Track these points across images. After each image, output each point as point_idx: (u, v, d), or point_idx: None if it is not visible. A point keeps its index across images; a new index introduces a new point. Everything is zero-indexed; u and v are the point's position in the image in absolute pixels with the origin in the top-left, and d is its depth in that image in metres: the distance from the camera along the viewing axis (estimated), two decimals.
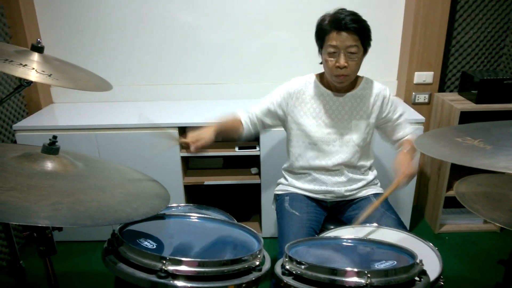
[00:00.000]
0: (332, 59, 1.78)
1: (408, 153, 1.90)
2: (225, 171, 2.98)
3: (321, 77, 1.98)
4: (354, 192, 2.01)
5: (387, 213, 1.89)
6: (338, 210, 2.07)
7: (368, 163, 2.03)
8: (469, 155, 0.93)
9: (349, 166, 1.97)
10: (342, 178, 1.98)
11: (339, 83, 1.84)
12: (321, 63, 1.90)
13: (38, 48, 1.55)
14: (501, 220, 1.38)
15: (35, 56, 1.53)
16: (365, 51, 1.81)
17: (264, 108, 2.01)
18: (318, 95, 1.94)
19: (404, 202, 2.85)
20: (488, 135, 1.06)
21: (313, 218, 1.93)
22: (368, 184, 2.04)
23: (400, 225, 1.82)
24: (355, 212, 1.97)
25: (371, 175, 2.05)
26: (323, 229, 1.95)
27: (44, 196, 1.04)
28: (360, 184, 2.01)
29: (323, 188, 1.99)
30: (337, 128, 1.93)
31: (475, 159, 0.91)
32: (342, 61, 1.75)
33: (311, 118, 1.94)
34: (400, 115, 2.00)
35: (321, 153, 1.96)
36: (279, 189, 2.14)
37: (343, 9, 1.77)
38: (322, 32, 1.80)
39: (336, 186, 1.98)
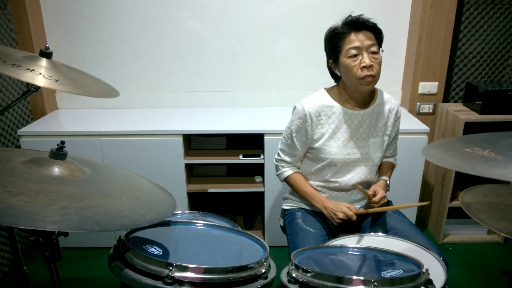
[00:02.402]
0: (355, 61, 1.71)
1: (386, 186, 1.95)
2: (229, 179, 2.98)
3: (334, 94, 1.89)
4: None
5: (400, 218, 1.93)
6: (350, 221, 2.02)
7: (377, 176, 2.01)
8: (482, 165, 0.92)
9: (366, 184, 1.94)
10: (358, 196, 1.95)
11: (367, 85, 1.74)
12: (336, 77, 1.87)
13: (46, 54, 1.56)
14: (507, 231, 1.37)
15: (43, 61, 1.54)
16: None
17: (300, 150, 1.93)
18: (337, 113, 1.86)
19: (407, 212, 2.83)
20: (497, 145, 1.06)
21: (327, 233, 1.91)
22: None
23: (415, 229, 1.85)
24: (366, 221, 1.99)
25: None
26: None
27: (52, 200, 1.04)
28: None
29: None
30: (357, 148, 1.88)
31: (488, 169, 0.90)
32: (367, 60, 1.69)
33: (330, 139, 1.86)
34: (398, 134, 2.01)
35: (340, 173, 1.90)
36: (288, 204, 2.08)
37: (351, 13, 1.75)
38: (337, 39, 1.74)
39: (351, 204, 1.92)
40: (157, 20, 2.94)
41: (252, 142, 2.96)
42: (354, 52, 1.71)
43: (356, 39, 1.70)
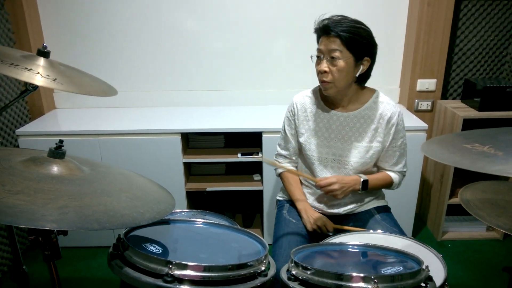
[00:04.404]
0: (317, 65, 1.73)
1: (358, 183, 1.81)
2: (228, 178, 2.98)
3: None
4: (354, 209, 1.95)
5: (388, 225, 1.87)
6: (338, 220, 1.96)
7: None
8: (482, 161, 0.92)
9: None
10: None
11: (325, 90, 1.75)
12: None
13: (44, 53, 1.55)
14: (507, 227, 1.37)
15: (41, 61, 1.53)
16: (356, 59, 1.69)
17: (293, 142, 1.96)
18: (320, 112, 1.87)
19: (406, 210, 2.84)
20: (496, 141, 1.05)
21: None
22: (371, 200, 1.99)
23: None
24: (354, 224, 1.93)
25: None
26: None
27: (51, 199, 1.04)
28: (360, 202, 1.95)
29: (321, 205, 1.94)
30: (336, 148, 1.86)
31: (488, 165, 0.90)
32: (322, 66, 1.69)
33: (311, 136, 1.88)
34: (398, 146, 1.86)
35: (317, 172, 1.89)
36: (281, 195, 2.12)
37: (332, 15, 1.71)
38: (317, 38, 1.77)
39: (336, 203, 1.92)
40: (155, 19, 2.93)
41: (250, 140, 2.96)
42: (317, 54, 1.73)
43: (322, 43, 1.71)
